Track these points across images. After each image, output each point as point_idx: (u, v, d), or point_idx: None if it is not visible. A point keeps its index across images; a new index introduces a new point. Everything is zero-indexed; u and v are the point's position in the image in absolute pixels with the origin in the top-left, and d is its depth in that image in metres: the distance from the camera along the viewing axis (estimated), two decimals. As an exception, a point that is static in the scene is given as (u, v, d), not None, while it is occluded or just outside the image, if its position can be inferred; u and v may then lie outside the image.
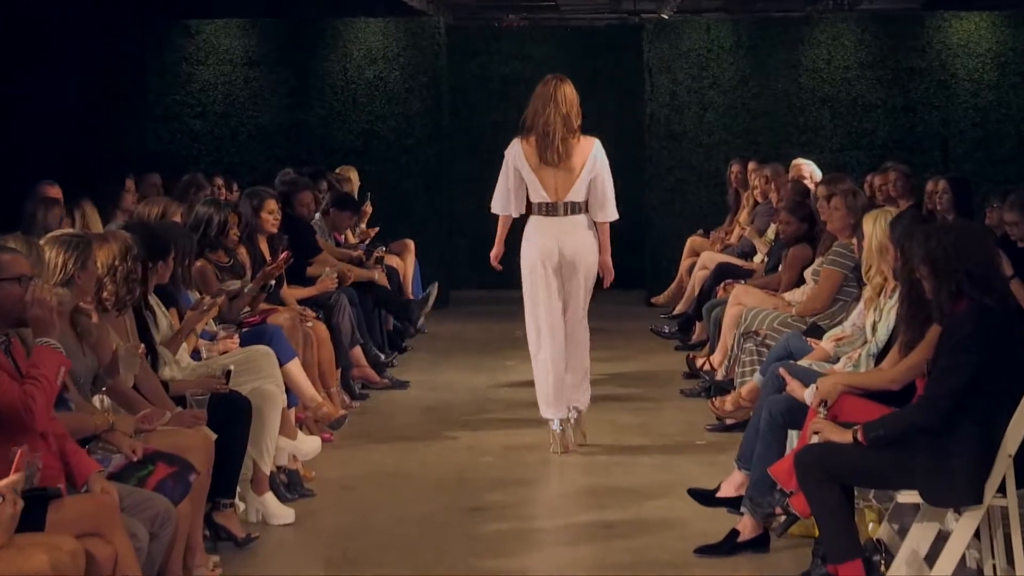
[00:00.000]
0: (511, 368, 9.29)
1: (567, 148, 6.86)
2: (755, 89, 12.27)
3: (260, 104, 12.43)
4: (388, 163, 12.40)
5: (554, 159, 6.85)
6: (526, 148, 6.92)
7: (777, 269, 8.31)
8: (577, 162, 6.89)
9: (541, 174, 6.90)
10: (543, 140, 6.85)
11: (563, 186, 6.89)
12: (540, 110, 6.88)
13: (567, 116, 6.87)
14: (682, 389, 8.34)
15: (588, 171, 6.90)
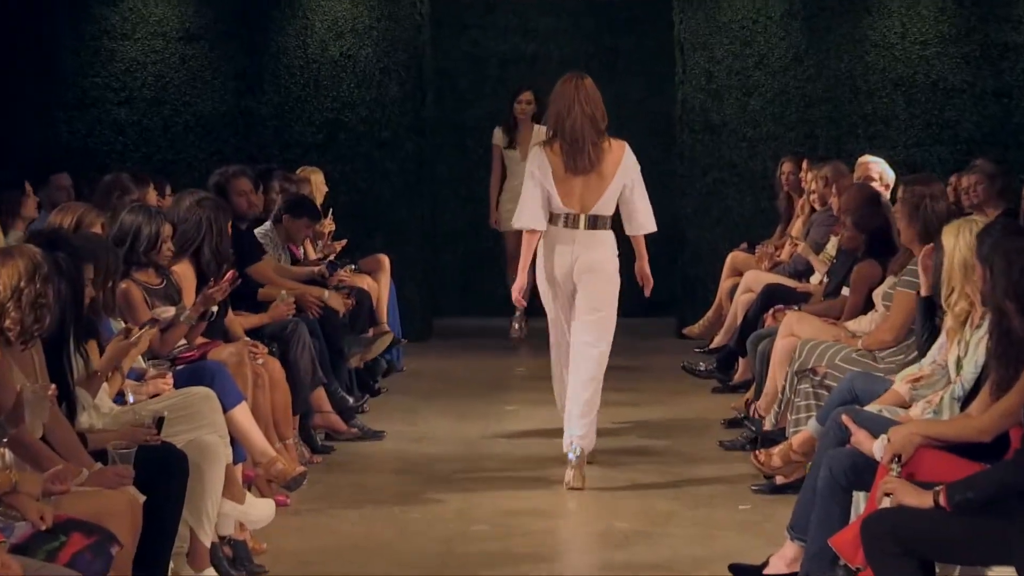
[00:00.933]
0: (511, 414, 9.29)
1: (598, 154, 7.50)
2: (811, 70, 12.32)
3: (200, 88, 12.47)
4: (358, 161, 12.43)
5: (585, 166, 7.49)
6: (551, 156, 7.55)
7: (839, 292, 8.33)
8: (608, 169, 7.53)
9: (566, 184, 7.53)
10: (572, 147, 7.48)
11: (591, 197, 7.56)
12: (564, 113, 7.51)
13: (594, 117, 7.49)
14: (721, 441, 8.35)
15: (620, 179, 7.56)
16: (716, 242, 12.20)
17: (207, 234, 7.35)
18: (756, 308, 9.27)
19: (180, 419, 5.78)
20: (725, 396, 9.53)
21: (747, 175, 12.41)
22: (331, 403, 8.44)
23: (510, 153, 11.91)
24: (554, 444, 8.41)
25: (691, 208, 12.48)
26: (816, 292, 8.99)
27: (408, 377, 10.65)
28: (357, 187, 12.35)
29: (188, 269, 7.30)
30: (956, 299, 5.62)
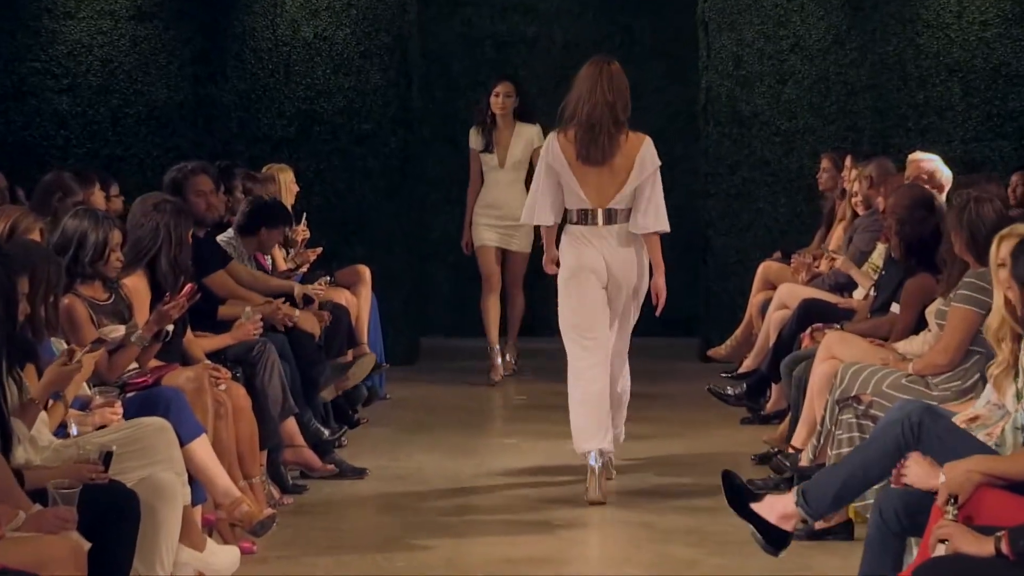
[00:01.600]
0: (509, 449, 9.31)
1: (613, 146, 7.98)
2: (854, 54, 12.35)
3: (153, 75, 12.49)
4: (334, 158, 12.45)
5: (598, 157, 7.97)
6: (563, 143, 8.04)
7: (888, 308, 8.34)
8: (624, 163, 8.02)
9: (581, 175, 8.04)
10: (587, 133, 7.97)
11: (607, 190, 8.05)
12: (585, 96, 7.99)
13: (614, 106, 7.98)
14: (751, 479, 8.34)
15: (637, 175, 8.02)
16: (746, 251, 12.22)
17: (164, 242, 7.37)
18: (791, 327, 9.28)
19: (131, 454, 5.79)
20: (755, 428, 9.54)
21: (781, 174, 12.43)
22: (304, 436, 8.45)
23: (487, 158, 11.65)
24: (559, 483, 8.44)
25: (717, 212, 12.51)
26: (861, 308, 9.00)
27: (392, 406, 10.66)
28: (334, 188, 12.38)
29: (141, 282, 7.31)
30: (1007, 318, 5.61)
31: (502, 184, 11.54)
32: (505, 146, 11.49)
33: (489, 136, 11.55)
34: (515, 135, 11.46)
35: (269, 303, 8.67)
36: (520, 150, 11.49)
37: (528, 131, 11.50)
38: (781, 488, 7.88)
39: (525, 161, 11.41)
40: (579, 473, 8.62)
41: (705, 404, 10.17)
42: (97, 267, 6.90)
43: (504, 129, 11.53)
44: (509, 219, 11.23)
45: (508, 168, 11.51)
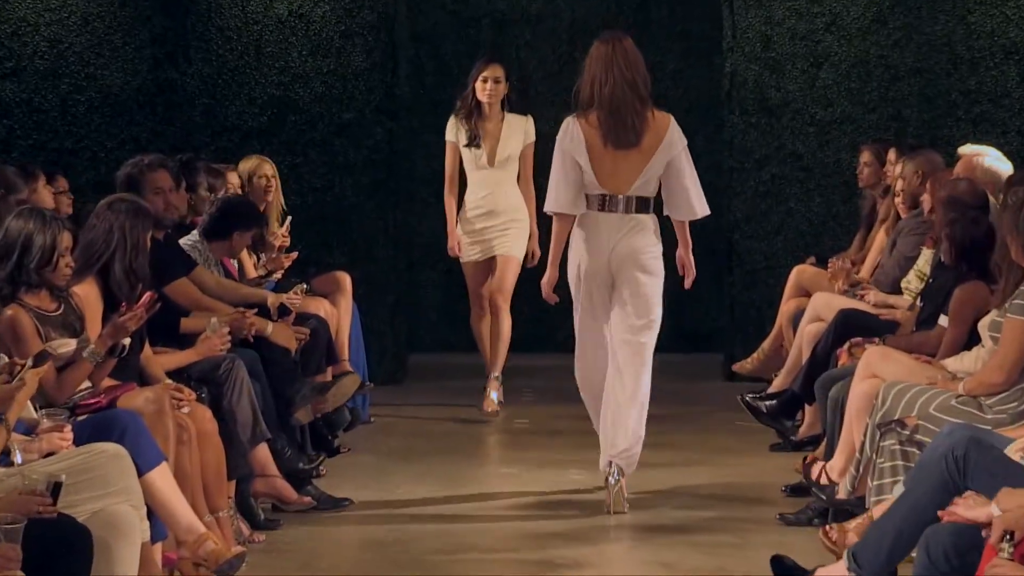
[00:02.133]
0: (510, 479, 9.31)
1: (642, 125, 8.45)
2: (898, 34, 12.36)
3: (107, 57, 12.49)
4: (312, 151, 12.46)
5: (631, 139, 8.43)
6: (585, 128, 8.46)
7: (935, 321, 8.34)
8: (650, 144, 8.48)
9: (601, 161, 8.46)
10: (611, 117, 8.40)
11: (629, 175, 8.49)
12: (602, 77, 8.42)
13: (635, 83, 8.43)
14: (782, 513, 8.35)
15: (663, 156, 8.49)
16: (775, 256, 12.23)
17: (119, 246, 7.36)
18: (827, 341, 9.28)
19: (82, 484, 5.78)
20: (787, 455, 9.54)
21: (815, 169, 12.45)
22: (277, 464, 8.44)
23: (473, 153, 11.23)
24: (564, 517, 8.45)
25: (743, 212, 12.52)
26: (905, 321, 9.00)
27: (377, 431, 10.66)
28: (310, 184, 12.38)
29: (92, 291, 7.31)
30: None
31: (491, 184, 11.21)
32: (494, 140, 11.16)
33: (474, 128, 11.12)
34: (506, 127, 11.15)
35: (238, 314, 8.66)
36: (513, 145, 11.18)
37: (520, 123, 11.23)
38: (815, 524, 7.88)
39: (516, 158, 11.18)
40: (587, 508, 8.64)
41: (730, 428, 10.18)
42: (44, 274, 6.88)
43: (492, 120, 11.17)
44: (499, 220, 11.18)
45: (499, 166, 11.20)
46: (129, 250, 7.36)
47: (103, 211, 7.45)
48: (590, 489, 9.04)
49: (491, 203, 11.18)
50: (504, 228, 11.16)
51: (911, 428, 7.09)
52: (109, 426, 6.41)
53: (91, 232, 7.37)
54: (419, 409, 11.45)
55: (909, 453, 6.97)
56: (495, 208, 11.16)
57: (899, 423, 7.13)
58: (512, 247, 11.21)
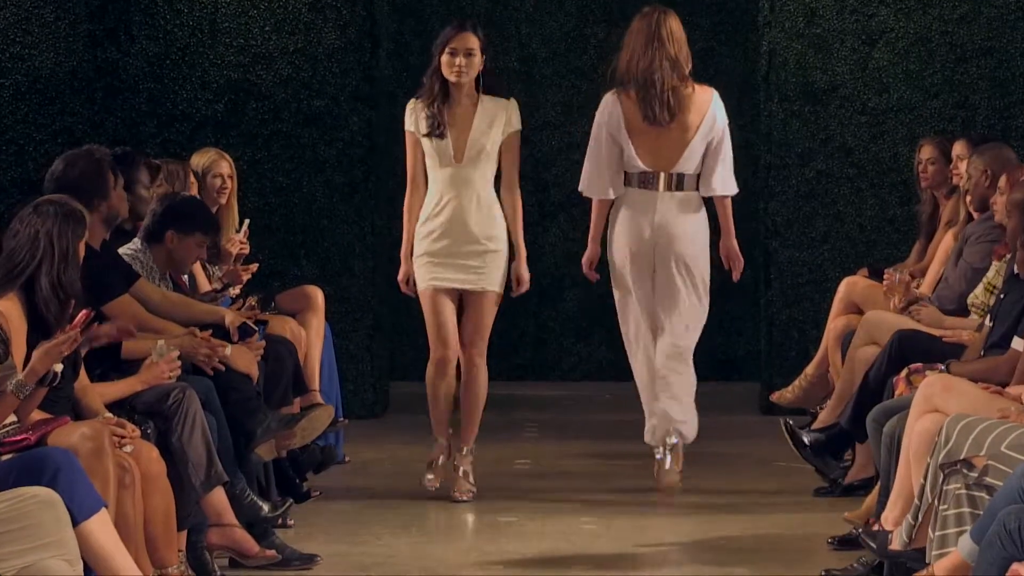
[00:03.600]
0: (510, 529, 9.33)
1: (680, 101, 9.76)
2: (965, 6, 12.41)
3: (37, 35, 12.54)
4: (275, 144, 12.49)
5: (664, 117, 9.72)
6: (626, 103, 9.80)
7: (1008, 343, 8.37)
8: (692, 120, 9.82)
9: (642, 137, 9.79)
10: (647, 92, 9.71)
11: (671, 152, 9.83)
12: (641, 52, 9.71)
13: (676, 59, 9.73)
14: (828, 569, 8.38)
15: (705, 132, 9.86)
16: (820, 268, 12.28)
17: (46, 256, 7.38)
18: (881, 367, 9.31)
19: (9, 535, 5.83)
20: (834, 501, 9.58)
21: (868, 165, 12.50)
22: (236, 512, 8.44)
23: (435, 146, 9.90)
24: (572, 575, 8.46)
25: (782, 215, 12.57)
26: (973, 343, 9.03)
27: (352, 472, 10.68)
28: (274, 184, 12.42)
29: (15, 308, 7.32)
30: None
31: (458, 186, 9.84)
32: (464, 129, 9.81)
33: (438, 113, 9.83)
34: (480, 113, 9.82)
35: (190, 334, 8.69)
36: (487, 136, 9.84)
37: (499, 109, 9.91)
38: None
39: (494, 154, 9.88)
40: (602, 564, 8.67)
41: (768, 470, 10.22)
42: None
43: (462, 104, 9.87)
44: (467, 239, 9.82)
45: (468, 162, 9.82)
46: (57, 261, 7.36)
47: (28, 215, 7.45)
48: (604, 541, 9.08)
49: (457, 211, 9.81)
50: (476, 252, 9.84)
51: (979, 469, 7.10)
52: (39, 467, 6.42)
53: (13, 240, 7.35)
54: (402, 447, 11.46)
55: (977, 498, 6.99)
56: (463, 218, 9.81)
57: (966, 464, 7.15)
58: (487, 279, 9.88)
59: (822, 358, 10.76)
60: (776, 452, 10.36)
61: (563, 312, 13.81)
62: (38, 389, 6.98)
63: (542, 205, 13.65)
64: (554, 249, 13.65)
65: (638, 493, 10.09)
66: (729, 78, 13.43)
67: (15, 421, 6.96)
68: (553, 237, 13.57)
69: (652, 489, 10.05)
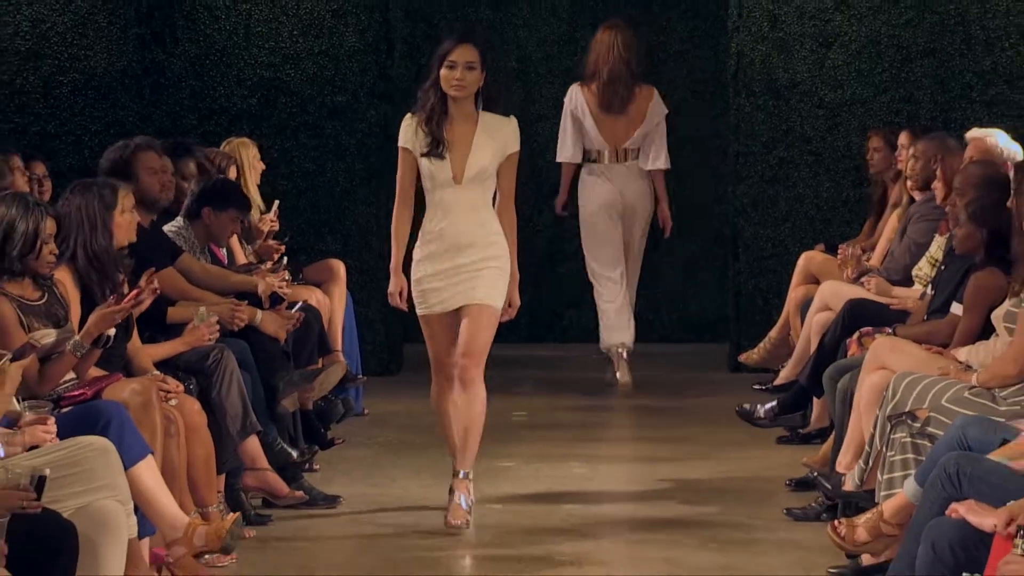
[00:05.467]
0: (508, 473, 9.33)
1: (630, 96, 11.72)
2: (910, 13, 12.36)
3: (92, 38, 12.50)
4: (303, 135, 12.47)
5: (617, 107, 11.73)
6: (587, 94, 11.82)
7: (947, 309, 8.35)
8: (639, 110, 11.78)
9: (599, 121, 11.77)
10: (607, 88, 11.69)
11: (621, 134, 11.80)
12: (604, 56, 11.68)
13: (629, 62, 11.67)
14: (789, 508, 8.38)
15: (648, 121, 11.80)
16: (782, 243, 12.25)
17: (79, 229, 7.36)
18: (836, 331, 9.30)
19: (67, 479, 5.80)
20: (794, 449, 9.57)
21: (825, 153, 12.45)
22: (268, 458, 8.45)
23: (431, 166, 8.26)
24: (564, 513, 8.46)
25: (749, 197, 12.53)
26: (916, 310, 9.01)
27: (371, 423, 10.68)
28: (302, 169, 12.39)
29: (68, 277, 7.31)
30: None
31: (458, 208, 8.24)
32: (464, 148, 8.19)
33: (437, 131, 8.22)
34: (480, 132, 8.18)
35: (226, 303, 8.69)
36: (488, 156, 8.21)
37: (500, 127, 8.26)
38: (824, 518, 7.92)
39: (493, 174, 8.25)
40: (588, 501, 8.67)
41: (736, 421, 10.16)
42: (27, 262, 6.87)
43: (462, 121, 8.23)
44: (468, 258, 8.25)
45: (468, 183, 8.19)
46: (88, 232, 7.35)
47: (67, 196, 7.49)
48: (591, 483, 9.08)
49: (457, 234, 8.23)
50: (476, 268, 8.23)
51: (922, 420, 7.09)
52: (94, 418, 6.43)
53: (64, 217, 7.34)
54: (414, 401, 11.41)
55: (920, 446, 6.99)
56: (463, 240, 8.22)
57: (910, 415, 7.14)
58: (487, 293, 8.26)
59: (784, 323, 10.78)
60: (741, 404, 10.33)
61: (557, 283, 13.78)
62: (93, 350, 7.00)
63: (538, 188, 13.60)
64: (548, 227, 13.62)
65: (623, 442, 10.12)
66: (702, 76, 13.43)
67: (74, 378, 6.98)
68: (547, 218, 13.52)
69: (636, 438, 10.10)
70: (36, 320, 6.86)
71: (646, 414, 10.98)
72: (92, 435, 6.14)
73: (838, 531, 6.82)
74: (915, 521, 5.71)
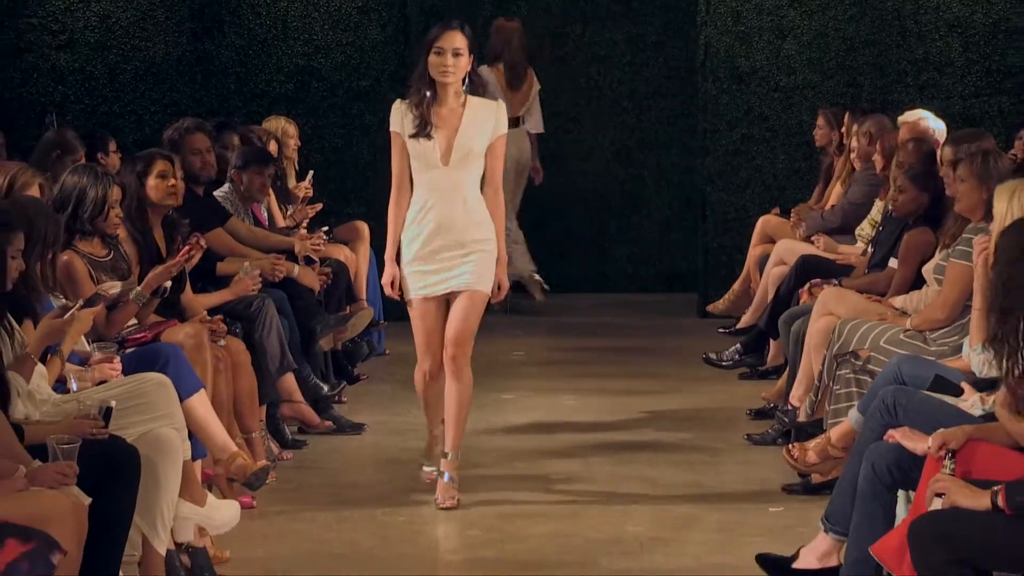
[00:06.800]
0: (508, 404, 9.32)
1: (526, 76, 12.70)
2: (853, 9, 12.30)
3: (151, 30, 12.45)
4: (332, 114, 12.42)
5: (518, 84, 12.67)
6: (497, 74, 12.41)
7: (885, 264, 8.35)
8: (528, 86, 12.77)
9: (507, 97, 12.10)
10: (511, 70, 12.55)
11: (519, 104, 12.51)
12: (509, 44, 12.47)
13: (525, 48, 12.61)
14: (749, 434, 8.38)
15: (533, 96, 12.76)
16: (744, 207, 12.21)
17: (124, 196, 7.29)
18: (789, 283, 9.30)
19: (131, 409, 5.80)
20: (754, 383, 9.57)
21: (780, 130, 12.40)
22: (303, 391, 8.46)
23: (419, 147, 7.37)
24: (556, 437, 8.47)
25: (715, 168, 12.48)
26: (859, 264, 9.01)
27: (391, 362, 10.67)
28: (332, 144, 12.35)
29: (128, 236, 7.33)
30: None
31: (445, 189, 7.32)
32: (451, 130, 7.30)
33: (425, 114, 7.33)
34: (468, 115, 7.30)
35: (268, 258, 8.67)
36: (475, 138, 7.30)
37: (487, 111, 7.39)
38: (779, 443, 7.91)
39: (481, 157, 7.33)
40: (578, 429, 8.67)
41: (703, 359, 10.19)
42: (96, 223, 6.90)
43: (449, 105, 7.34)
44: (455, 240, 7.30)
45: (456, 165, 7.29)
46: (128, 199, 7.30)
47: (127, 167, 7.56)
48: (581, 413, 9.07)
49: (443, 215, 7.30)
50: (464, 253, 7.31)
51: (863, 359, 7.11)
52: (154, 358, 6.43)
53: None
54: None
55: (862, 381, 6.99)
56: (449, 222, 7.30)
57: (853, 355, 7.16)
58: (476, 279, 7.32)
59: (745, 276, 10.77)
60: (709, 347, 10.32)
61: (550, 238, 13.72)
62: (152, 299, 7.01)
63: (530, 155, 13.55)
64: (541, 192, 13.54)
65: (606, 378, 10.08)
66: (675, 63, 13.35)
67: (136, 323, 6.98)
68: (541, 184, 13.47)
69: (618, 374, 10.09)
70: (104, 274, 6.87)
71: (627, 354, 10.95)
72: (152, 372, 6.15)
73: (791, 454, 6.82)
74: (858, 445, 5.70)
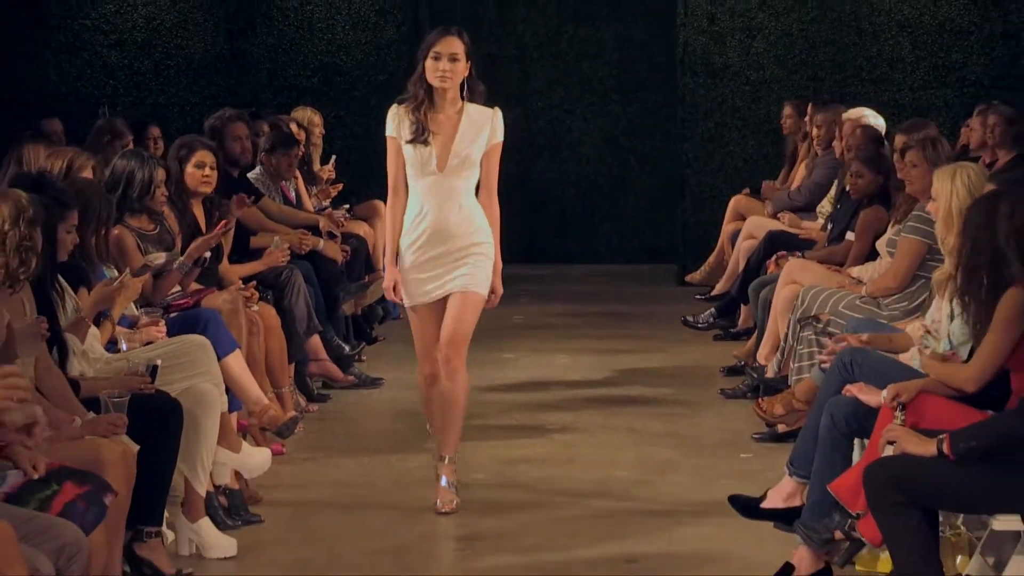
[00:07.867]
0: (509, 362, 9.31)
1: None
2: (815, 11, 12.27)
3: (191, 30, 12.43)
4: (353, 106, 12.41)
5: None
6: None
7: (843, 238, 8.32)
8: None
9: None
10: None
11: None
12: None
13: None
14: (722, 389, 8.37)
15: None
16: (718, 187, 12.19)
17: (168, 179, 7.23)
18: (758, 255, 9.28)
19: (174, 367, 5.79)
20: (727, 344, 9.55)
21: (750, 119, 12.38)
22: (327, 351, 8.45)
23: (415, 153, 6.56)
24: (552, 392, 8.47)
25: (693, 153, 12.47)
26: (820, 239, 9.00)
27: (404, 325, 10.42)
28: (352, 132, 12.34)
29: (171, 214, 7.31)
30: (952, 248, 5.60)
31: (441, 195, 6.46)
32: (447, 137, 6.45)
33: (422, 120, 6.54)
34: (465, 121, 6.45)
35: (296, 233, 8.66)
36: (472, 145, 6.43)
37: (484, 117, 6.48)
38: (749, 397, 7.91)
39: (477, 163, 6.46)
40: (572, 386, 8.66)
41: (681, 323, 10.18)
42: (144, 201, 6.88)
43: (446, 111, 6.51)
44: (452, 246, 6.42)
45: (451, 171, 6.42)
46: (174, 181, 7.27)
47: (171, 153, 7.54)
48: (573, 371, 9.06)
49: (439, 221, 6.43)
50: (461, 256, 6.44)
51: (824, 323, 7.10)
52: (195, 321, 6.42)
53: None
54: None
55: (822, 342, 6.97)
56: (445, 228, 6.42)
57: (814, 319, 7.15)
58: (471, 281, 6.47)
59: (719, 249, 10.76)
60: (687, 311, 10.32)
61: (546, 217, 13.69)
62: (193, 268, 6.99)
63: (532, 146, 13.48)
64: (539, 175, 13.53)
65: (596, 339, 10.08)
66: (658, 60, 13.30)
67: (179, 290, 6.96)
68: (539, 168, 13.44)
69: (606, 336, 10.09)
70: (151, 246, 6.85)
71: (614, 318, 10.94)
72: (193, 334, 6.13)
73: (760, 407, 6.81)
74: (819, 399, 5.68)
